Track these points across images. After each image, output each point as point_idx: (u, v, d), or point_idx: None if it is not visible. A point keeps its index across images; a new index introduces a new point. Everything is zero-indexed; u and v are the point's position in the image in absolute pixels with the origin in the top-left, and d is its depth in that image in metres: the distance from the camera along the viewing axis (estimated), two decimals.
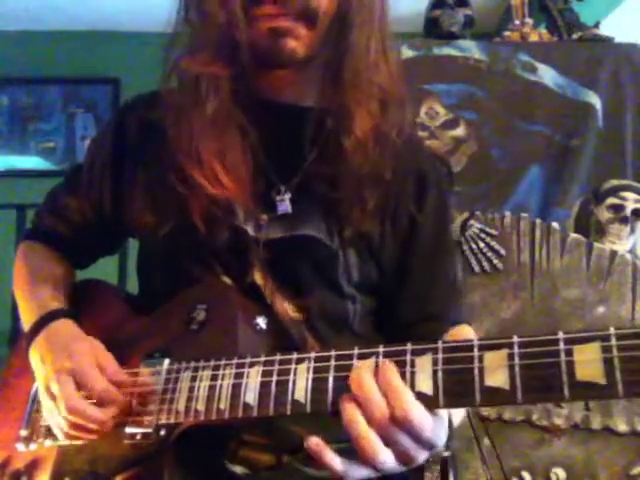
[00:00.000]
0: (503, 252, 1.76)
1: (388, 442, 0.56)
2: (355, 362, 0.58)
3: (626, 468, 1.62)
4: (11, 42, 3.48)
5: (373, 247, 0.83)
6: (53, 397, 0.73)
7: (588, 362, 0.49)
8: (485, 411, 1.67)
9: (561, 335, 0.51)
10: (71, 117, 3.58)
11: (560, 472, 1.64)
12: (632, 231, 1.85)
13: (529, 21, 2.14)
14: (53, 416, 0.74)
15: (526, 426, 1.67)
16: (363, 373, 0.57)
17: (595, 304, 1.72)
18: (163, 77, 0.81)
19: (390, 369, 0.56)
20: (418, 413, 0.55)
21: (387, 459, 0.56)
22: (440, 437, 0.59)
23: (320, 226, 0.80)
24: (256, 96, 0.80)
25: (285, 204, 0.80)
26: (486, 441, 1.66)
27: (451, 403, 0.55)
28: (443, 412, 0.59)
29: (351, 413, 0.56)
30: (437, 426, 0.57)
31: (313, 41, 0.76)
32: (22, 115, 3.56)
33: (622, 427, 1.64)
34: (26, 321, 0.84)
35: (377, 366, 0.58)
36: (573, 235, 1.79)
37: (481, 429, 1.66)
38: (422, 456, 0.58)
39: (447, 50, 1.99)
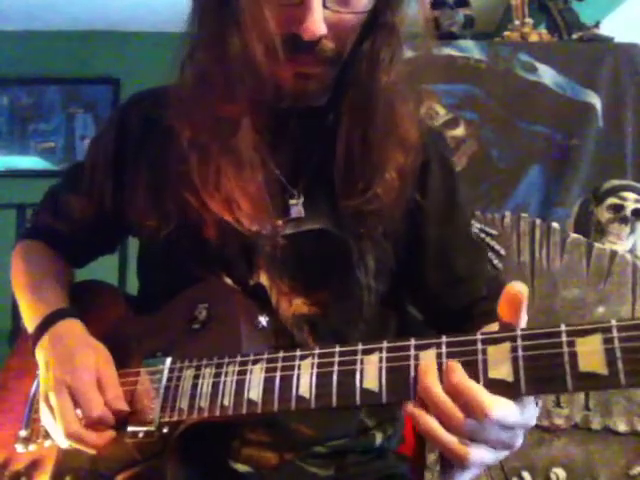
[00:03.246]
0: (503, 252, 1.76)
1: (475, 439, 0.54)
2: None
3: (626, 468, 1.62)
4: (11, 42, 3.48)
5: (385, 230, 0.82)
6: (51, 409, 0.73)
7: (590, 353, 0.50)
8: None
9: (563, 327, 0.52)
10: (71, 117, 3.58)
11: (560, 472, 1.63)
12: (632, 231, 1.85)
13: (529, 21, 2.14)
14: (50, 427, 0.75)
15: None
16: (430, 382, 0.55)
17: (595, 304, 1.72)
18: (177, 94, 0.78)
19: (455, 371, 0.54)
20: (499, 409, 0.52)
21: (481, 455, 0.54)
22: (529, 415, 0.56)
23: (330, 219, 0.80)
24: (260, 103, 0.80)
25: (298, 208, 0.80)
26: None
27: None
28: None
29: (427, 423, 0.54)
30: (521, 407, 0.55)
31: (332, 76, 0.76)
32: (22, 115, 3.56)
33: (622, 427, 1.63)
34: (30, 320, 0.83)
35: (440, 367, 0.56)
36: (573, 235, 1.78)
37: None
38: (519, 438, 0.56)
39: (447, 50, 1.99)
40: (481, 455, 0.54)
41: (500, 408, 0.52)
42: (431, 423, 0.54)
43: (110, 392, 0.73)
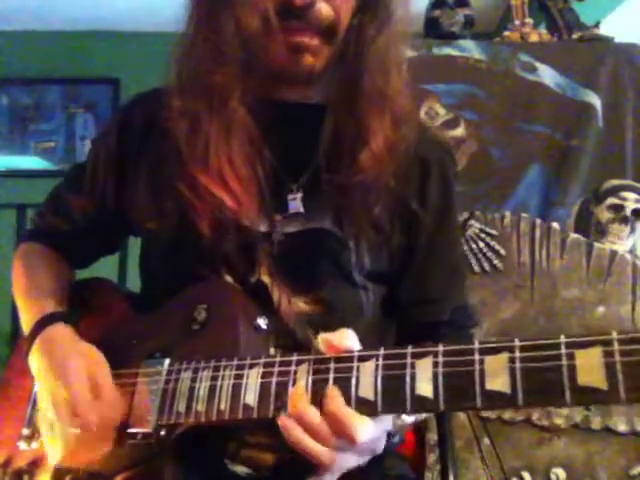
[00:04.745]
0: (503, 252, 1.76)
1: (342, 451, 0.59)
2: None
3: (626, 468, 1.62)
4: (11, 42, 3.47)
5: (383, 235, 0.83)
6: (51, 424, 0.74)
7: (590, 367, 0.49)
8: (485, 411, 1.67)
9: (563, 339, 0.51)
10: (71, 117, 3.57)
11: (560, 472, 1.63)
12: (632, 231, 1.85)
13: (529, 21, 2.14)
14: (50, 439, 0.75)
15: (526, 426, 1.67)
16: (302, 408, 0.58)
17: (595, 304, 1.72)
18: (173, 79, 0.80)
19: (334, 398, 0.58)
20: (365, 434, 0.57)
21: (346, 460, 0.60)
22: (385, 423, 0.62)
23: (331, 219, 0.81)
24: (261, 96, 0.80)
25: (296, 203, 0.80)
26: (486, 441, 1.65)
27: (451, 406, 0.54)
28: None
29: (298, 436, 0.58)
30: (379, 425, 0.59)
31: (329, 55, 0.77)
32: (22, 115, 3.56)
33: (622, 427, 1.64)
34: (25, 324, 0.84)
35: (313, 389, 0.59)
36: (573, 235, 1.79)
37: (481, 429, 1.66)
38: (382, 443, 0.63)
39: (447, 50, 1.99)
40: (346, 460, 0.60)
41: (366, 432, 0.57)
42: (302, 437, 0.58)
43: (106, 395, 0.73)
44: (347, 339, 0.61)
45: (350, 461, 0.60)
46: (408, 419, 0.77)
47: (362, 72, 0.77)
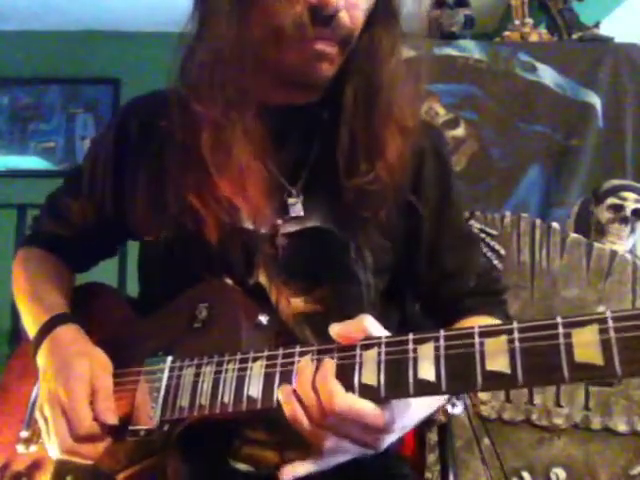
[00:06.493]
0: (503, 252, 1.76)
1: (336, 433, 0.59)
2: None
3: (626, 468, 1.62)
4: (11, 42, 3.48)
5: (383, 227, 0.83)
6: (45, 421, 0.74)
7: (586, 344, 0.50)
8: (485, 411, 1.67)
9: (559, 319, 0.52)
10: (71, 117, 3.58)
11: (560, 472, 1.63)
12: (632, 231, 1.85)
13: (529, 21, 2.14)
14: (45, 439, 0.75)
15: (526, 426, 1.66)
16: (304, 378, 0.59)
17: (595, 304, 1.72)
18: (182, 82, 0.80)
19: (321, 369, 0.59)
20: (349, 404, 0.57)
21: (338, 445, 0.60)
22: (398, 426, 0.61)
23: (329, 217, 0.81)
24: (263, 100, 0.79)
25: (297, 207, 0.81)
26: (486, 441, 1.65)
27: (453, 388, 0.56)
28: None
29: (294, 410, 0.59)
30: (389, 415, 0.59)
31: (340, 63, 0.77)
32: (22, 115, 3.56)
33: (622, 427, 1.63)
34: (30, 327, 0.83)
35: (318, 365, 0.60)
36: (573, 235, 1.78)
37: (481, 429, 1.66)
38: (383, 442, 0.61)
39: (447, 50, 1.99)
40: (338, 445, 0.60)
41: (345, 401, 0.57)
42: (297, 411, 0.59)
43: (101, 404, 0.72)
44: (368, 324, 0.62)
45: (343, 447, 0.60)
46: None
47: (377, 89, 0.78)
